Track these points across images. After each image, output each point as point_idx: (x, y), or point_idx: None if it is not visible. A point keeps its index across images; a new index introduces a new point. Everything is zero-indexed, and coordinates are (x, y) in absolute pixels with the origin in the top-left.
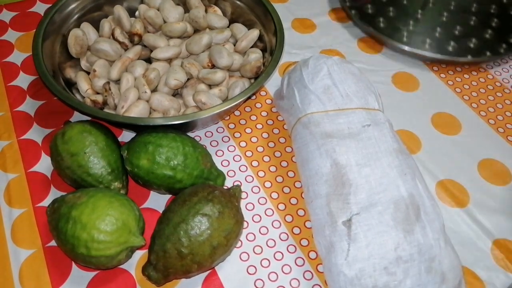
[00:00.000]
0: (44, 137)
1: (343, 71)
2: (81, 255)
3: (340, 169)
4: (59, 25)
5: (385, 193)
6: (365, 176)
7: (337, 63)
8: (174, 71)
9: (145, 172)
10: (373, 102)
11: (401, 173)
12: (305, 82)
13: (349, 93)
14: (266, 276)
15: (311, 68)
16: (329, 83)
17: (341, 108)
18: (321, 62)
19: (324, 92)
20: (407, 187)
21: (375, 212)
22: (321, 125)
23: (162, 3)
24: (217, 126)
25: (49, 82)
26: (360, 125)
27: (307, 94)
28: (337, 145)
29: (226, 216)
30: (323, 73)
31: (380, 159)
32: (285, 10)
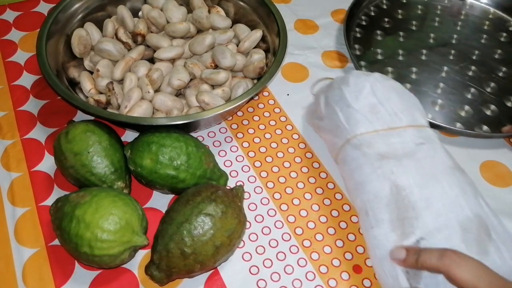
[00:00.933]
0: (48, 137)
1: (386, 88)
2: (84, 254)
3: (401, 192)
4: (63, 25)
5: (449, 215)
6: (426, 198)
7: (379, 81)
8: (177, 71)
9: (148, 172)
10: (420, 118)
11: (463, 191)
12: (348, 101)
13: (396, 111)
14: (268, 276)
15: (352, 86)
16: (374, 101)
17: (390, 127)
18: (362, 79)
19: (371, 111)
20: (471, 207)
21: (442, 236)
22: (374, 146)
23: (166, 3)
24: (220, 126)
25: (53, 81)
26: (413, 144)
27: (352, 114)
28: (395, 166)
29: (229, 216)
30: (367, 91)
31: (439, 179)
32: (288, 11)
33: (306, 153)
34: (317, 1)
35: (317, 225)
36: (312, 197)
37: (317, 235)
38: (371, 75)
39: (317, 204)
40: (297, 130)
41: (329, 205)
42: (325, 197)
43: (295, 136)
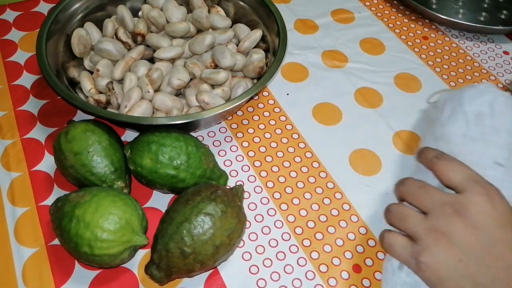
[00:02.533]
0: (48, 136)
1: (508, 105)
2: (84, 253)
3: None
4: (63, 24)
5: None
6: None
7: (505, 96)
8: (177, 71)
9: (148, 172)
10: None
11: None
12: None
13: (499, 127)
14: (268, 276)
15: (475, 91)
16: (485, 110)
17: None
18: (489, 90)
19: (476, 117)
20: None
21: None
22: (451, 144)
23: (165, 3)
24: (220, 126)
25: (53, 81)
26: (492, 160)
27: (457, 112)
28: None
29: (229, 216)
30: (484, 99)
31: None
32: (288, 10)
33: (306, 153)
34: (317, 1)
35: (317, 225)
36: (312, 197)
37: (317, 234)
38: (501, 91)
39: (317, 203)
40: (297, 129)
41: (329, 204)
42: (325, 197)
43: (295, 136)
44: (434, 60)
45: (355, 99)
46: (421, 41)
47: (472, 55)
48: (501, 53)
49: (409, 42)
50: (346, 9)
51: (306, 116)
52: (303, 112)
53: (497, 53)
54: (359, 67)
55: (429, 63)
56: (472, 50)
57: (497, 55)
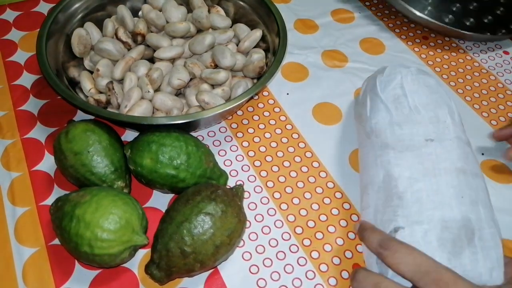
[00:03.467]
0: (48, 136)
1: (416, 82)
2: (84, 253)
3: (391, 181)
4: (63, 24)
5: (434, 211)
6: (416, 191)
7: (412, 73)
8: (177, 71)
9: (148, 171)
10: (444, 116)
11: (458, 194)
12: (377, 90)
13: (417, 105)
14: (268, 276)
15: (385, 76)
16: (399, 92)
17: (407, 120)
18: (396, 71)
19: (394, 101)
20: (462, 209)
21: (420, 230)
22: (382, 136)
23: (165, 3)
24: (220, 125)
25: (53, 81)
26: (422, 139)
27: (377, 103)
28: (393, 157)
29: (229, 215)
30: (395, 83)
31: (437, 177)
32: (288, 10)
33: (306, 153)
34: (317, 1)
35: (317, 224)
36: (312, 196)
37: (317, 234)
38: (406, 69)
39: (317, 203)
40: (297, 129)
41: (329, 204)
42: (325, 196)
43: (295, 136)
44: (434, 60)
45: (355, 99)
46: (421, 41)
47: (472, 55)
48: (501, 53)
49: (409, 42)
50: (346, 9)
51: (306, 116)
52: (303, 112)
53: (497, 53)
54: (359, 66)
55: (429, 63)
56: (472, 50)
57: (497, 55)
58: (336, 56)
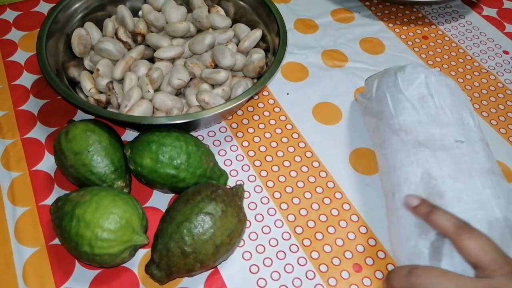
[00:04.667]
0: (48, 136)
1: (440, 83)
2: (84, 253)
3: (432, 180)
4: (63, 24)
5: (478, 211)
6: (458, 191)
7: (434, 74)
8: (177, 71)
9: (148, 171)
10: (467, 118)
11: (495, 195)
12: (400, 87)
13: (443, 106)
14: (268, 275)
15: (407, 75)
16: (424, 92)
17: (434, 120)
18: (418, 70)
19: (419, 100)
20: (501, 209)
21: None
22: (413, 133)
23: (165, 3)
24: (220, 125)
25: (53, 81)
26: (453, 140)
27: (401, 101)
28: (430, 156)
29: (229, 215)
30: (420, 81)
31: (473, 177)
32: (288, 10)
33: (306, 152)
34: (317, 0)
35: (317, 224)
36: (312, 196)
37: (317, 234)
38: (428, 69)
39: (317, 203)
40: (297, 129)
41: (329, 204)
42: (325, 196)
43: (295, 136)
44: (434, 59)
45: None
46: (421, 41)
47: (472, 54)
48: (501, 52)
49: (409, 41)
50: (346, 9)
51: (306, 115)
52: (303, 112)
53: (497, 53)
54: (359, 66)
55: (429, 63)
56: (472, 50)
57: (496, 54)
58: (336, 56)
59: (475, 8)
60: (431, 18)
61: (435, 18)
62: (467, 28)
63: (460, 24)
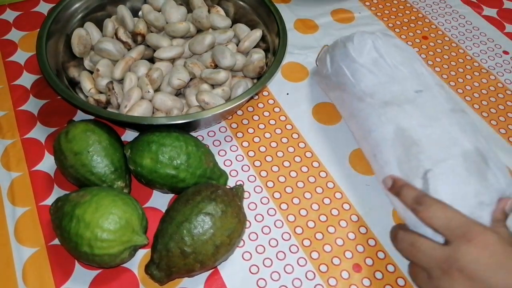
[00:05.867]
0: (48, 136)
1: (387, 44)
2: (84, 253)
3: (404, 132)
4: (63, 24)
5: (452, 148)
6: (429, 135)
7: (380, 38)
8: (177, 71)
9: (148, 171)
10: (420, 68)
11: (462, 130)
12: (353, 57)
13: (396, 64)
14: (268, 276)
15: (356, 44)
16: (376, 55)
17: (392, 78)
18: (365, 37)
19: (373, 64)
20: (470, 141)
21: (447, 166)
22: (377, 95)
23: (165, 3)
24: (220, 125)
25: (53, 81)
26: (413, 91)
27: (357, 68)
28: (398, 111)
29: (229, 216)
30: (369, 47)
31: (440, 119)
32: (288, 10)
33: (306, 153)
34: (317, 1)
35: (317, 224)
36: (312, 196)
37: (317, 234)
38: (373, 34)
39: (317, 203)
40: (297, 129)
41: (329, 204)
42: (325, 196)
43: (295, 136)
44: (434, 59)
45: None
46: (421, 41)
47: (472, 55)
48: (501, 53)
49: (409, 42)
50: (346, 9)
51: (306, 116)
52: (303, 112)
53: (497, 53)
54: None
55: (428, 63)
56: (472, 50)
57: (496, 55)
58: None
59: (475, 8)
60: (431, 18)
61: (435, 18)
62: (467, 28)
63: (460, 24)
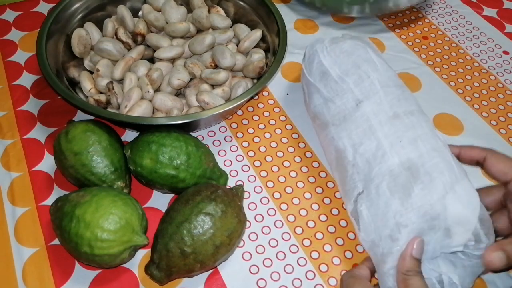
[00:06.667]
0: (48, 136)
1: (332, 53)
2: (84, 253)
3: (341, 154)
4: (63, 24)
5: (380, 165)
6: (361, 154)
7: (326, 47)
8: (177, 71)
9: (148, 172)
10: (366, 73)
11: (395, 141)
12: (306, 74)
13: (340, 75)
14: (268, 276)
15: (307, 59)
16: (323, 69)
17: (336, 93)
18: (314, 49)
19: (321, 80)
20: (401, 153)
21: (373, 186)
22: (321, 117)
23: (164, 3)
24: (220, 125)
25: (53, 81)
26: (354, 104)
27: (310, 87)
28: (335, 132)
29: (229, 216)
30: (316, 61)
31: (375, 133)
32: (288, 10)
33: (306, 153)
34: None
35: (317, 224)
36: (312, 196)
37: (317, 234)
38: (321, 44)
39: (317, 203)
40: (297, 129)
41: (329, 204)
42: (325, 196)
43: (295, 136)
44: (434, 60)
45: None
46: (421, 41)
47: (472, 55)
48: (501, 53)
49: (409, 41)
50: None
51: (306, 116)
52: (303, 112)
53: (497, 53)
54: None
55: (428, 63)
56: (472, 50)
57: (497, 55)
58: None
59: (475, 8)
60: (431, 18)
61: (435, 18)
62: (467, 28)
63: (460, 24)
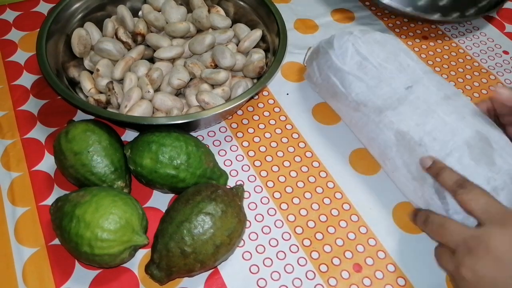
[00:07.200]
0: (48, 136)
1: (367, 43)
2: (84, 253)
3: (405, 136)
4: (63, 24)
5: (454, 139)
6: (430, 132)
7: (360, 37)
8: (177, 71)
9: (148, 171)
10: (405, 60)
11: (460, 117)
12: (338, 65)
13: (380, 62)
14: (268, 275)
15: (337, 49)
16: (359, 59)
17: (380, 79)
18: (345, 40)
19: (359, 69)
20: (470, 125)
21: (453, 159)
22: (369, 103)
23: (164, 3)
24: (220, 125)
25: (53, 81)
26: (403, 88)
27: (345, 77)
28: (392, 116)
29: (229, 215)
30: (351, 52)
31: (435, 112)
32: (288, 10)
33: (306, 152)
34: (317, 1)
35: (317, 224)
36: (312, 196)
37: (317, 234)
38: (352, 35)
39: (317, 203)
40: (297, 129)
41: (329, 204)
42: (325, 196)
43: (295, 136)
44: (434, 59)
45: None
46: (421, 41)
47: (472, 54)
48: (501, 52)
49: (409, 41)
50: (346, 9)
51: (306, 116)
52: (303, 112)
53: (497, 53)
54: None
55: (429, 63)
56: (472, 50)
57: (496, 54)
58: None
59: None
60: None
61: None
62: (467, 28)
63: (460, 24)
